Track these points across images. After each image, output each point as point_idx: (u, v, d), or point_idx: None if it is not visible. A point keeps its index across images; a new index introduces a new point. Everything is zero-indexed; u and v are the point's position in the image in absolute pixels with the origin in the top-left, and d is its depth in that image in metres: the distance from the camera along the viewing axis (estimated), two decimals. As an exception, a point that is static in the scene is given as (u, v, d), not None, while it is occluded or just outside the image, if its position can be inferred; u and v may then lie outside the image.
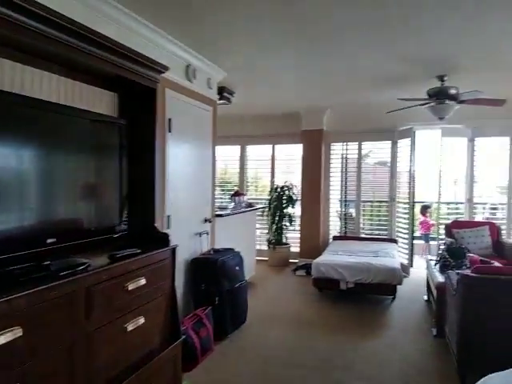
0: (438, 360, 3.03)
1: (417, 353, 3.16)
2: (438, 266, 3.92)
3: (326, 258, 4.77)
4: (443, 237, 5.47)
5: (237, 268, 3.76)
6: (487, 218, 5.79)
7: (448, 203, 6.61)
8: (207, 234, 3.77)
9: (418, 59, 3.60)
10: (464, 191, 5.73)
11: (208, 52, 3.37)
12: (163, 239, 2.45)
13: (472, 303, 2.47)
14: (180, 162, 3.30)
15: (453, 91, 3.93)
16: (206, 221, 3.77)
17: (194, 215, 3.60)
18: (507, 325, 2.39)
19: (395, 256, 4.95)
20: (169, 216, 3.12)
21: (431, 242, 7.27)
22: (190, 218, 3.52)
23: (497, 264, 4.01)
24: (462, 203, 5.76)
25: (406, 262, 5.70)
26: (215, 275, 3.40)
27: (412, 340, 3.42)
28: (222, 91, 4.31)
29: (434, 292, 3.51)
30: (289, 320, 3.93)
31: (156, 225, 2.48)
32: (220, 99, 4.24)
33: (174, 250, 2.45)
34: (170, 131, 3.09)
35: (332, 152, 6.45)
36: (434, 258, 4.33)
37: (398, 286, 4.38)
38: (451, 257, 3.77)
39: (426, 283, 4.56)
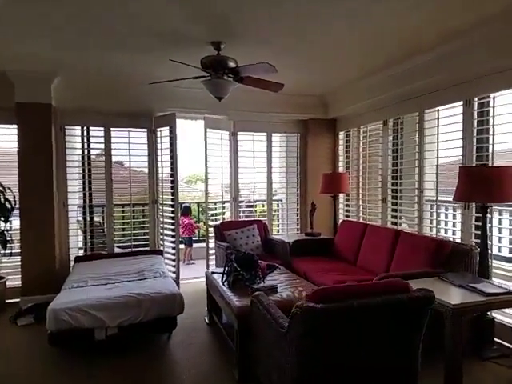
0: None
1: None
2: (227, 281, 3.15)
3: (69, 297, 3.11)
4: (213, 240, 4.91)
5: None
6: (246, 216, 5.70)
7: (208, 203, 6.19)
8: None
9: (189, 15, 2.70)
10: (230, 189, 5.37)
11: None
12: None
13: (318, 346, 1.72)
14: None
15: (232, 64, 3.25)
16: None
17: None
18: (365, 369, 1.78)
19: (167, 274, 3.89)
20: None
21: (194, 246, 6.76)
22: None
23: (282, 268, 3.67)
24: (227, 202, 5.40)
25: (174, 275, 4.78)
26: None
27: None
28: None
29: (234, 321, 2.67)
30: None
31: None
32: None
33: None
34: None
35: (68, 139, 4.69)
36: (218, 270, 3.57)
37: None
38: (243, 268, 3.08)
39: (207, 301, 3.75)
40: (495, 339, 2.81)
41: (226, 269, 3.21)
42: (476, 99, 3.22)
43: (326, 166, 5.58)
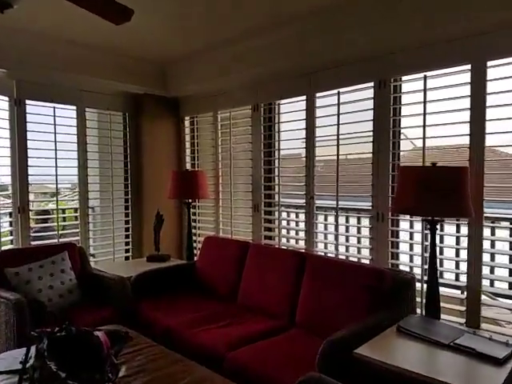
0: None
1: None
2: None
3: None
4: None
5: None
6: (37, 238, 3.71)
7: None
8: None
9: None
10: (13, 192, 3.31)
11: None
12: None
13: None
14: None
15: None
16: None
17: None
18: None
19: None
20: None
21: None
22: None
23: (132, 333, 2.19)
24: (4, 214, 3.31)
25: None
26: None
27: None
28: None
29: None
30: None
31: None
32: None
33: None
34: None
35: None
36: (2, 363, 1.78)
37: None
38: (72, 370, 1.48)
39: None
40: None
41: (31, 373, 1.52)
42: (392, 80, 2.65)
43: (171, 161, 4.27)
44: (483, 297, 2.28)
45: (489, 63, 2.22)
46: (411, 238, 2.77)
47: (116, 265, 3.70)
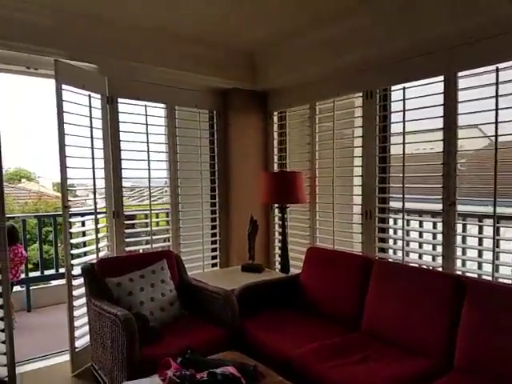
0: None
1: None
2: None
3: None
4: (80, 291, 2.66)
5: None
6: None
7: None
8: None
9: None
10: (106, 194, 3.10)
11: None
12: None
13: None
14: None
15: None
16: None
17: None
18: None
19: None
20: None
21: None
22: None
23: (259, 366, 1.81)
24: (101, 213, 3.12)
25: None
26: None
27: None
28: None
29: None
30: None
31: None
32: None
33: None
34: None
35: None
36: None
37: None
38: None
39: None
40: None
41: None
42: None
43: (259, 162, 3.92)
44: None
45: None
46: None
47: (209, 274, 3.40)
